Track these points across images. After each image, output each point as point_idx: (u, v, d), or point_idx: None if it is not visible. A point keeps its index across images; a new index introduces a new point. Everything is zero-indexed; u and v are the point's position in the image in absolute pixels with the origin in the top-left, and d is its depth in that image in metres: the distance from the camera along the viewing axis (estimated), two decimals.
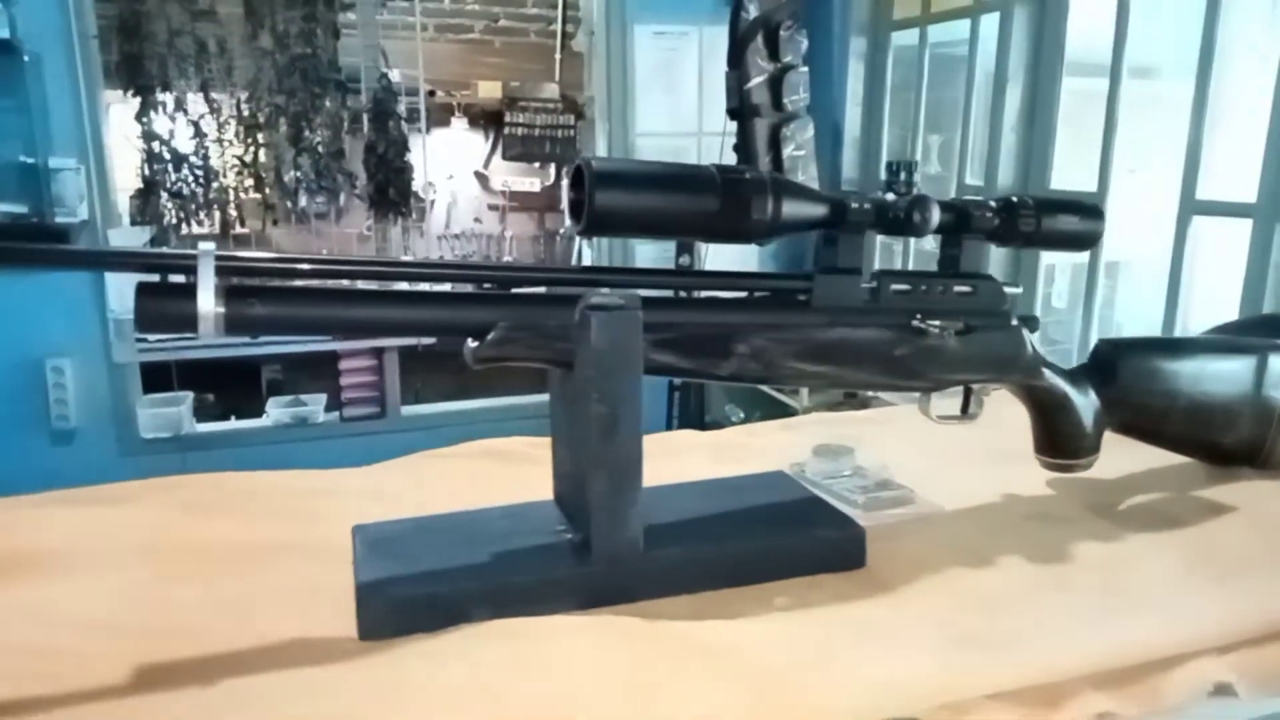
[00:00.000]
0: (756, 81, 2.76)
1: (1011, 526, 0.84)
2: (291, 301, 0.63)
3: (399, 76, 3.37)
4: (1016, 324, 0.83)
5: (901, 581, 0.73)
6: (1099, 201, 1.99)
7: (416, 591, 0.65)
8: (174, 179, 3.03)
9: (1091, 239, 0.83)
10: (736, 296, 0.77)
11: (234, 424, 3.19)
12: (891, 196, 0.76)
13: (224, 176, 3.12)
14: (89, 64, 2.73)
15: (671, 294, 0.75)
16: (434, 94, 4.04)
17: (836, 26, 3.24)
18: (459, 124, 4.69)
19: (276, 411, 3.14)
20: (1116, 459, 0.91)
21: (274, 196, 3.10)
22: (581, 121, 4.55)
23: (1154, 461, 0.97)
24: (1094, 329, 2.43)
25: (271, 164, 3.06)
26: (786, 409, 3.06)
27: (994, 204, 0.80)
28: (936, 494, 0.90)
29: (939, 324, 0.78)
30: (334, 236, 3.47)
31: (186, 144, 3.06)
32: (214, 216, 3.16)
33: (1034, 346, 0.84)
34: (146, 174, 3.03)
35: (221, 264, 0.59)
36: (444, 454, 0.99)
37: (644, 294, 0.70)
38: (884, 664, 0.62)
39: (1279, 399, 0.92)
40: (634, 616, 0.67)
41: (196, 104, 3.04)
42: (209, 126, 3.07)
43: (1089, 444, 0.87)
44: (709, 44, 3.26)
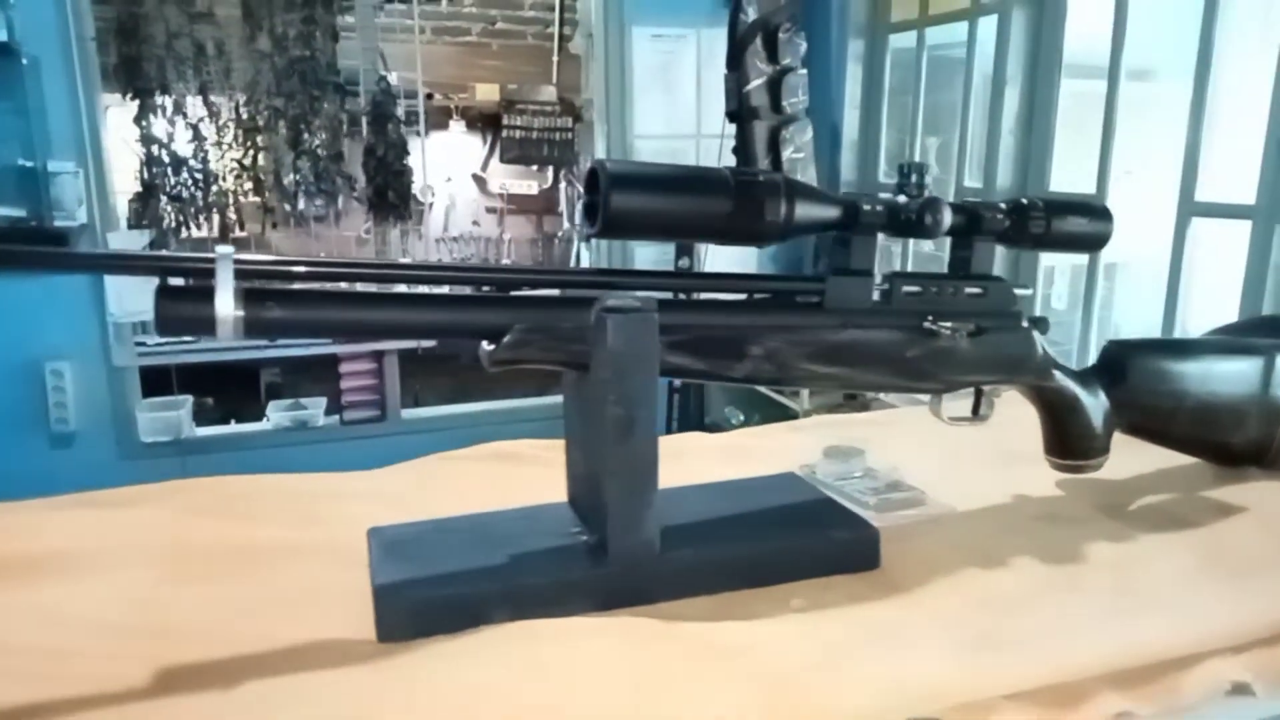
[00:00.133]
0: (756, 84, 2.76)
1: (1023, 527, 0.84)
2: (309, 305, 0.63)
3: (396, 79, 3.37)
4: (1027, 325, 0.83)
5: (916, 582, 0.73)
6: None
7: (435, 593, 0.66)
8: (173, 182, 3.03)
9: (1100, 240, 0.84)
10: (750, 299, 0.77)
11: (234, 428, 3.19)
12: (903, 198, 0.76)
13: (223, 180, 3.12)
14: (87, 67, 2.73)
15: (683, 296, 0.75)
16: (431, 97, 4.04)
17: (834, 29, 3.25)
18: (457, 127, 4.70)
19: (276, 415, 3.14)
20: (1124, 460, 0.91)
21: (273, 200, 3.10)
22: (579, 124, 4.55)
23: (1161, 462, 0.97)
24: (1093, 330, 2.44)
25: (270, 167, 3.06)
26: (787, 411, 3.06)
27: (1004, 206, 0.80)
28: (947, 495, 0.90)
29: (950, 326, 0.79)
30: (332, 240, 3.46)
31: (185, 147, 3.05)
32: (213, 220, 3.15)
33: (1044, 348, 0.85)
34: (145, 177, 3.03)
35: (240, 267, 0.60)
36: (454, 456, 0.99)
37: (657, 296, 0.70)
38: (901, 664, 0.62)
39: None
40: (651, 618, 0.67)
41: (195, 107, 3.04)
42: (208, 130, 3.07)
43: (1099, 445, 0.88)
44: (707, 46, 3.27)
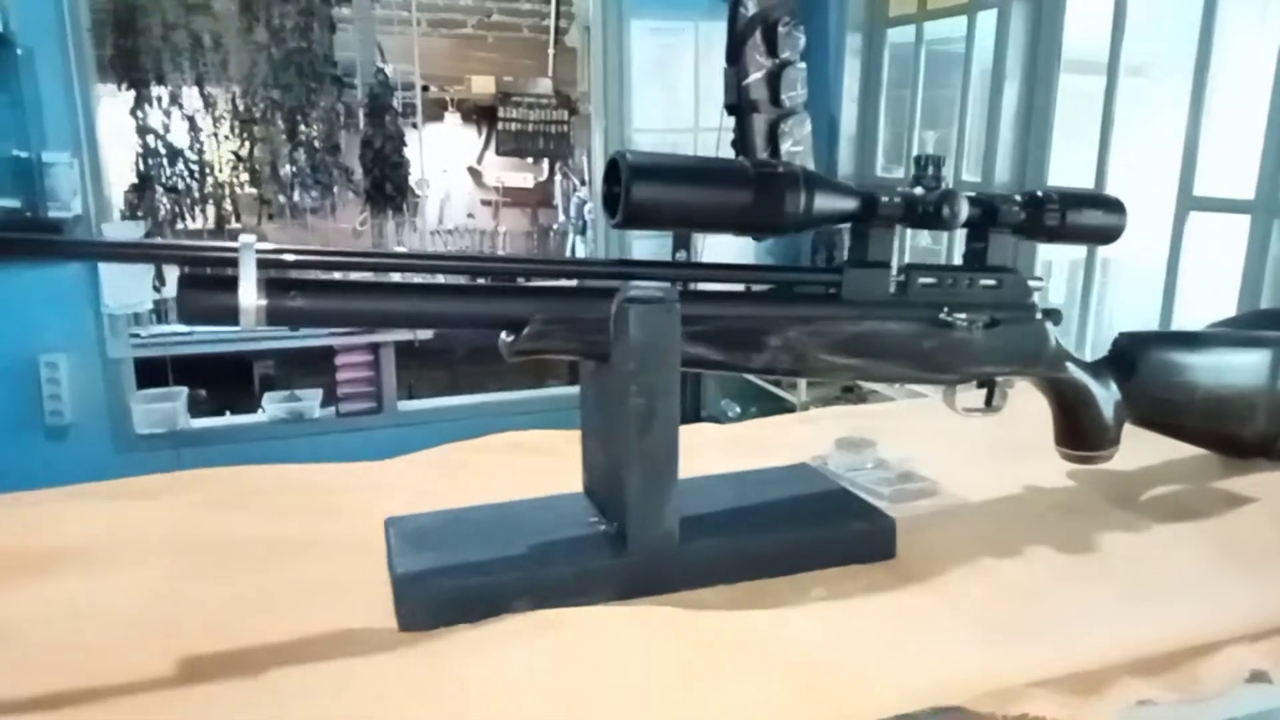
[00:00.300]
0: (755, 77, 2.76)
1: (1036, 517, 0.85)
2: (331, 294, 0.63)
3: (392, 71, 3.36)
4: (1040, 317, 0.84)
5: (933, 572, 0.73)
6: None
7: (456, 583, 0.66)
8: (169, 173, 3.01)
9: (1114, 233, 0.84)
10: (769, 290, 0.78)
11: (229, 419, 3.18)
12: (920, 191, 0.77)
13: (219, 171, 3.10)
14: (83, 57, 2.71)
15: (702, 287, 0.75)
16: (427, 89, 4.02)
17: (833, 23, 3.26)
18: (452, 119, 4.68)
19: (272, 407, 3.13)
20: (1133, 451, 0.92)
21: (269, 192, 3.08)
22: (575, 117, 4.55)
23: (1170, 453, 0.98)
24: (1090, 324, 2.46)
25: (267, 159, 3.04)
26: (784, 403, 3.07)
27: (1020, 198, 0.81)
28: (959, 486, 0.91)
29: (966, 317, 0.79)
30: (328, 232, 3.45)
31: (181, 138, 3.03)
32: (209, 212, 3.14)
33: (1057, 340, 0.85)
34: (141, 168, 3.01)
35: (262, 257, 0.59)
36: (466, 447, 0.99)
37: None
38: (924, 652, 0.62)
39: None
40: (672, 607, 0.67)
41: (191, 98, 3.03)
42: (204, 121, 3.05)
43: (1110, 436, 0.88)
44: (705, 40, 3.27)
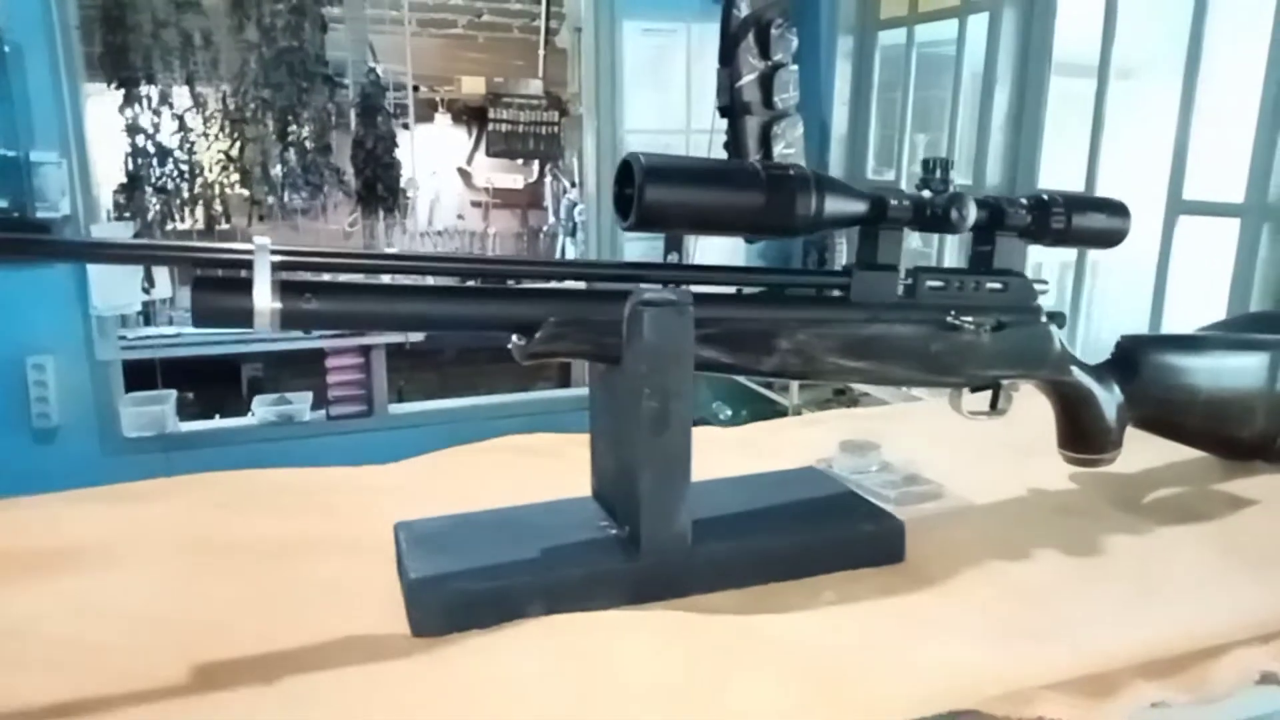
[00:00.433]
0: (748, 79, 2.77)
1: (1041, 519, 0.85)
2: (345, 297, 0.63)
3: (383, 71, 3.34)
4: (1045, 320, 0.85)
5: (943, 574, 0.74)
6: None
7: (469, 587, 0.65)
8: (158, 173, 2.98)
9: (1119, 236, 0.85)
10: (778, 292, 0.78)
11: (219, 422, 3.15)
12: (928, 193, 0.77)
13: (209, 171, 3.08)
14: (71, 56, 2.69)
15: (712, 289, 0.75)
16: (417, 89, 4.01)
17: (824, 25, 3.27)
18: (442, 120, 4.67)
19: (262, 410, 3.11)
20: (1133, 453, 0.92)
21: (260, 192, 3.06)
22: (565, 118, 4.54)
23: (1170, 456, 0.99)
24: (1080, 327, 2.48)
25: (257, 159, 3.02)
26: (775, 406, 3.07)
27: (1026, 201, 0.81)
28: (963, 488, 0.91)
29: (973, 320, 0.79)
30: (319, 233, 3.43)
31: (171, 138, 3.01)
32: (198, 212, 3.11)
33: (1062, 343, 0.86)
34: (130, 168, 2.99)
35: (277, 259, 0.59)
36: (469, 450, 0.99)
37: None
38: (938, 655, 0.63)
39: None
40: (685, 611, 0.67)
41: (181, 97, 3.00)
42: (194, 120, 3.03)
43: (1113, 439, 0.89)
44: (697, 41, 3.27)
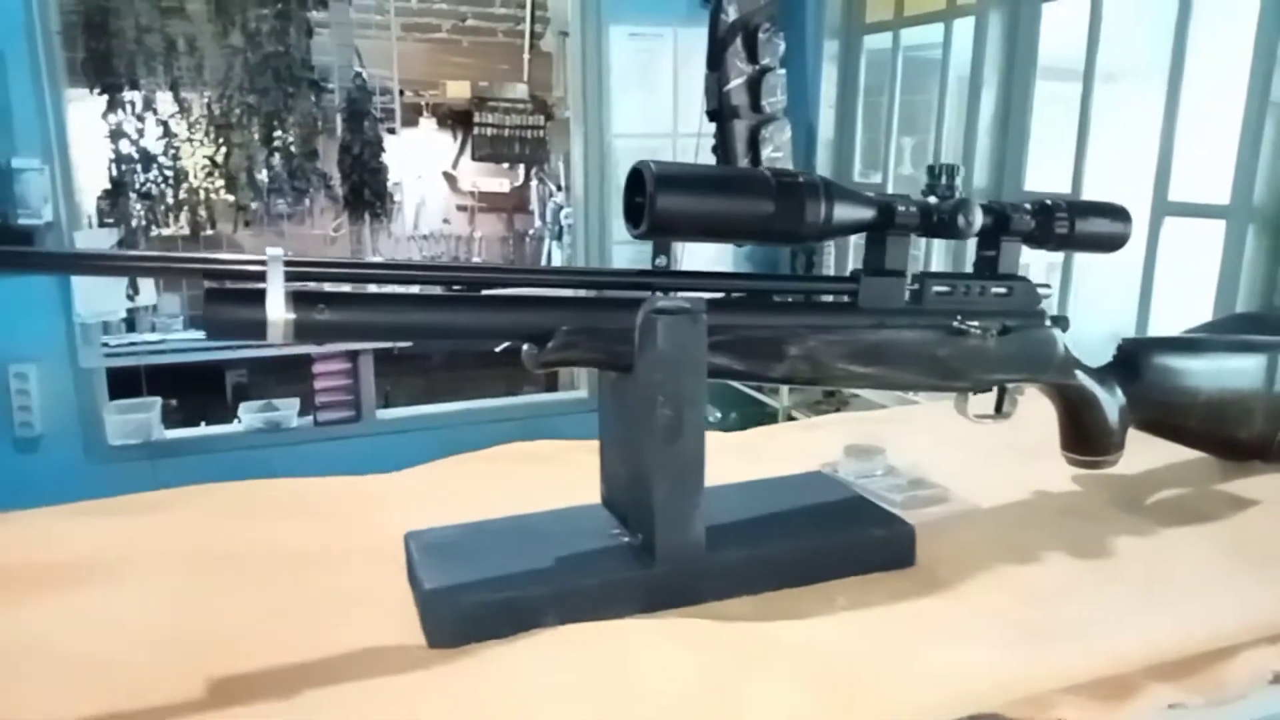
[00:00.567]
0: (736, 83, 2.76)
1: (1048, 522, 0.86)
2: (357, 307, 0.62)
3: (368, 76, 3.33)
4: (1050, 324, 0.85)
5: (955, 578, 0.74)
6: None
7: (485, 598, 0.65)
8: (143, 180, 2.95)
9: (1121, 241, 0.85)
10: (787, 299, 0.78)
11: (205, 430, 3.12)
12: (934, 199, 0.77)
13: (193, 177, 3.05)
14: (53, 61, 2.65)
15: (725, 296, 0.76)
16: (402, 94, 4.00)
17: (810, 29, 3.28)
18: (427, 124, 4.65)
19: (249, 417, 3.07)
20: (1133, 455, 0.93)
21: (245, 198, 3.04)
22: (550, 122, 4.54)
23: (1170, 457, 1.00)
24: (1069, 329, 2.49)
25: (242, 164, 3.00)
26: (765, 408, 3.08)
27: (1030, 207, 0.82)
28: (969, 491, 0.92)
29: (979, 324, 0.80)
30: (305, 239, 3.41)
31: (155, 144, 2.98)
32: (183, 218, 3.08)
33: (1066, 346, 0.86)
34: (114, 174, 2.95)
35: (289, 270, 0.59)
36: (473, 458, 0.99)
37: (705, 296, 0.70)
38: (954, 659, 0.63)
39: None
40: (700, 618, 0.67)
41: (165, 103, 2.97)
42: (178, 126, 3.00)
43: (1116, 441, 0.89)
44: (684, 45, 3.27)
